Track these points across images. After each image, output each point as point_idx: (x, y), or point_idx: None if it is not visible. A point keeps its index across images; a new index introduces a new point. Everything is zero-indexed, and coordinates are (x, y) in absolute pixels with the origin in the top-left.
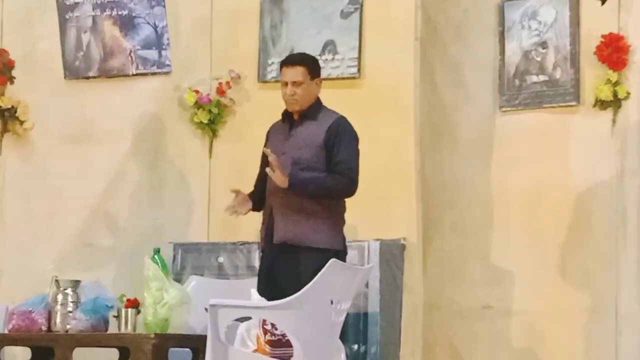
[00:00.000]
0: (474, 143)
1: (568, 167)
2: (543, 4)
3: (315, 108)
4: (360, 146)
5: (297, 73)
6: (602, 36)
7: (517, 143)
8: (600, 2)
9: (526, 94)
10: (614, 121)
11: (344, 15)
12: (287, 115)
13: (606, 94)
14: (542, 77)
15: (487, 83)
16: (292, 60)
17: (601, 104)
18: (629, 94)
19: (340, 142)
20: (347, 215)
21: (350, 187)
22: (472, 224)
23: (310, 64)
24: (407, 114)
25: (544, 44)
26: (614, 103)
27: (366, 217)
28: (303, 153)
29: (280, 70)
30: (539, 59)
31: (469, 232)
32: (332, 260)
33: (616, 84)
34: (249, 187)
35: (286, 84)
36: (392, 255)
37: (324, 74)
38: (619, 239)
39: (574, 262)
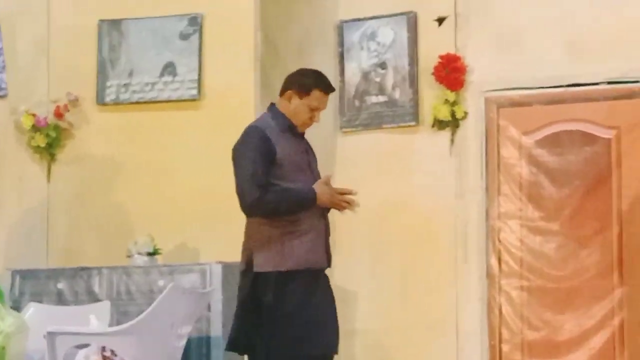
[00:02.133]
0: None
1: (409, 186)
2: (381, 25)
3: None
4: (204, 168)
5: (328, 101)
6: (440, 57)
7: (359, 163)
8: (437, 23)
9: (366, 115)
10: (452, 141)
11: (184, 36)
12: (293, 130)
13: (444, 114)
14: (381, 98)
15: (328, 104)
16: (333, 88)
17: (440, 123)
18: (466, 113)
19: None
20: (188, 238)
21: None
22: None
23: None
24: None
25: (383, 65)
26: (452, 123)
27: (208, 240)
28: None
29: (312, 92)
30: (378, 79)
31: None
32: (172, 284)
33: (454, 104)
34: (90, 209)
35: (317, 108)
36: (235, 277)
37: (163, 96)
38: (459, 256)
39: (417, 280)
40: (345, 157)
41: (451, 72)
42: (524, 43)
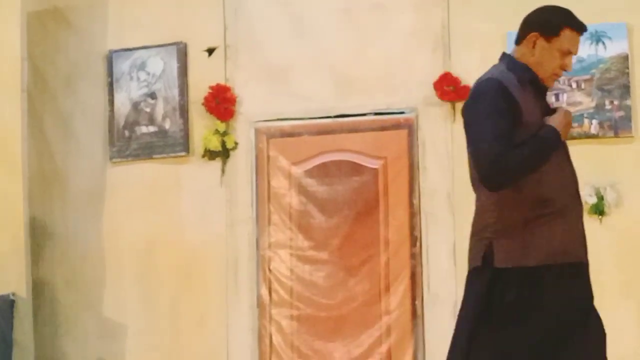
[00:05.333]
0: (86, 195)
1: (180, 217)
2: (151, 56)
3: None
4: None
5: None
6: (210, 87)
7: (129, 194)
8: (207, 54)
9: (136, 145)
10: (223, 171)
11: None
12: (537, 83)
13: (215, 144)
14: (151, 128)
15: (97, 134)
16: (584, 27)
17: (210, 154)
18: (236, 144)
19: None
20: None
21: None
22: (85, 277)
23: None
24: (16, 166)
25: (152, 95)
26: (223, 153)
27: None
28: None
29: (561, 32)
30: (148, 109)
31: (82, 285)
32: None
33: (224, 134)
34: None
35: (569, 53)
36: (1, 311)
37: None
38: (230, 287)
39: (187, 311)
40: (116, 187)
41: (221, 103)
42: (292, 74)
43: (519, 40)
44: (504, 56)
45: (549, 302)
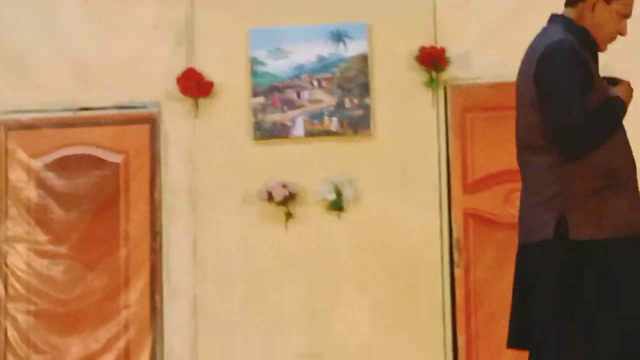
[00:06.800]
0: None
1: None
2: None
3: None
4: None
5: None
6: None
7: None
8: None
9: None
10: None
11: None
12: (594, 48)
13: None
14: None
15: None
16: None
17: None
18: None
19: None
20: None
21: None
22: None
23: None
24: None
25: None
26: None
27: None
28: None
29: None
30: None
31: None
32: None
33: None
34: None
35: (625, 16)
36: None
37: None
38: None
39: None
40: None
41: None
42: (33, 66)
43: (572, 2)
44: (556, 18)
45: (629, 274)
